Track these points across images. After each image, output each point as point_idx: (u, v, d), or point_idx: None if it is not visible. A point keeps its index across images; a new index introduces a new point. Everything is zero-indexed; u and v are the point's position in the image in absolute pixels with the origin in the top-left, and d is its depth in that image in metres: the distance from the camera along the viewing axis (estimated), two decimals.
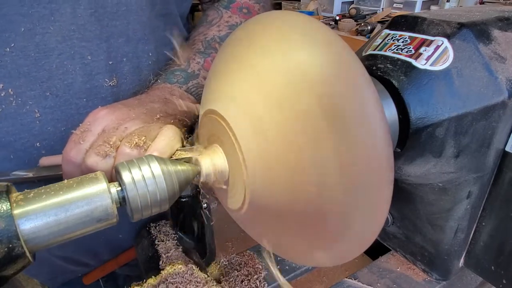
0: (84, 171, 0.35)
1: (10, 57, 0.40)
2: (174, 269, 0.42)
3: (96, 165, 0.34)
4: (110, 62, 0.47)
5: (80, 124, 0.38)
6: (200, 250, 0.49)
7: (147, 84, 0.52)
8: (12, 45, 0.40)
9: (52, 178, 0.42)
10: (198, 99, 0.49)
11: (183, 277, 0.40)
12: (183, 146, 0.36)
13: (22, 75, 0.42)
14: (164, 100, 0.45)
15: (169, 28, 0.55)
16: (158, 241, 0.47)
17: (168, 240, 0.47)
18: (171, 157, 0.34)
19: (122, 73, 0.49)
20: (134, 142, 0.34)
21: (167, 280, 0.40)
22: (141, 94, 0.48)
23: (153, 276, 0.42)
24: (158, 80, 0.50)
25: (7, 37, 0.40)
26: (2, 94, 0.41)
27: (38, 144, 0.44)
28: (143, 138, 0.35)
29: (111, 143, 0.35)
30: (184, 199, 0.46)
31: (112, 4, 0.46)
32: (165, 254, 0.45)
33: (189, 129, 0.45)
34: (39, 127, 0.44)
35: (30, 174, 0.43)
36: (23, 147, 0.44)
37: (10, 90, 0.42)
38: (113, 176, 0.34)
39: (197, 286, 0.39)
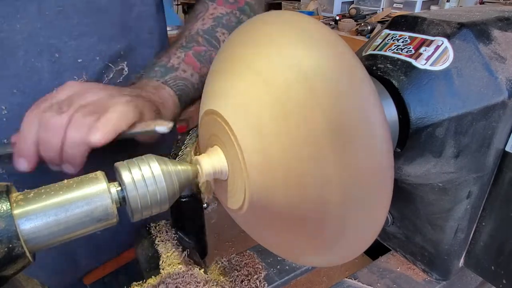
0: (40, 130, 0.36)
1: None
2: (174, 269, 0.42)
3: (52, 119, 0.35)
4: (79, 60, 0.47)
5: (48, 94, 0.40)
6: (200, 250, 0.49)
7: (118, 82, 0.52)
8: None
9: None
10: (175, 90, 0.49)
11: (183, 277, 0.40)
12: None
13: None
14: (137, 86, 0.45)
15: (148, 28, 0.55)
16: (158, 241, 0.47)
17: (168, 240, 0.47)
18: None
19: (93, 71, 0.49)
20: (89, 110, 0.35)
21: (167, 280, 0.40)
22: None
23: (153, 276, 0.42)
24: (138, 79, 0.50)
25: None
26: None
27: (5, 140, 0.45)
28: (102, 107, 0.36)
29: (70, 104, 0.36)
30: (184, 199, 0.46)
31: (82, 2, 0.45)
32: (165, 254, 0.45)
33: (165, 116, 0.45)
34: (6, 124, 0.44)
35: None
36: None
37: None
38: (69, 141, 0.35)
39: (197, 286, 0.39)
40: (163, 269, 0.42)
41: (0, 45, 0.42)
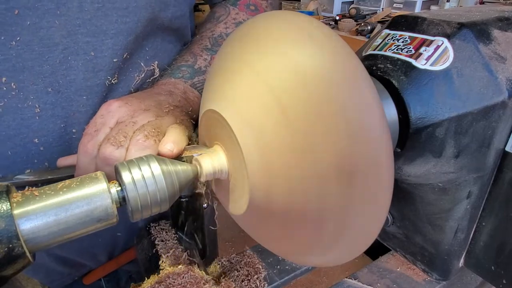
0: (99, 163, 0.36)
1: (15, 50, 0.40)
2: (174, 269, 0.42)
3: (110, 154, 0.35)
4: (115, 60, 0.46)
5: (94, 117, 0.39)
6: (200, 250, 0.49)
7: (147, 81, 0.52)
8: (18, 38, 0.40)
9: (55, 181, 0.41)
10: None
11: (183, 278, 0.40)
12: (189, 142, 0.37)
13: (26, 69, 0.41)
14: (169, 92, 0.45)
15: (176, 26, 0.55)
16: (158, 241, 0.47)
17: (168, 240, 0.47)
18: (180, 154, 0.34)
19: (126, 71, 0.49)
20: (147, 133, 0.35)
21: (167, 280, 0.40)
22: (146, 89, 0.48)
23: (152, 275, 0.42)
24: (163, 76, 0.50)
25: (13, 30, 0.40)
26: (5, 88, 0.41)
27: (36, 140, 0.44)
28: (157, 129, 0.36)
29: (125, 133, 0.36)
30: (184, 199, 0.46)
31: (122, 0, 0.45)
32: (165, 254, 0.45)
33: (195, 123, 0.45)
34: (38, 122, 0.44)
35: (31, 178, 0.42)
36: (22, 142, 0.44)
37: (13, 84, 0.41)
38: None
39: (197, 286, 0.39)
40: (162, 269, 0.42)
41: (39, 42, 0.41)
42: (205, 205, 0.46)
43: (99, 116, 0.39)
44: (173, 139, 0.34)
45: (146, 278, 0.42)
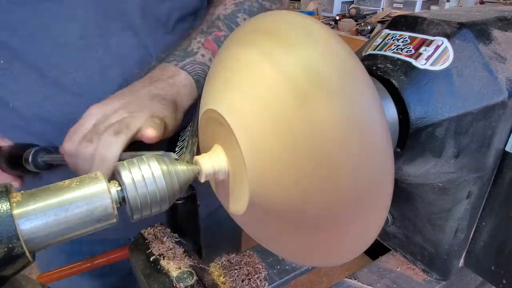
0: (79, 159, 0.40)
1: (56, 49, 0.47)
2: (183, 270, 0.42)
3: (85, 152, 0.39)
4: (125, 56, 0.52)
5: (77, 121, 0.43)
6: (196, 251, 0.49)
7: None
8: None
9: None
10: (192, 75, 0.50)
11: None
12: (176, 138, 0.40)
13: (58, 67, 0.48)
14: (151, 81, 0.47)
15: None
16: (156, 244, 0.47)
17: (166, 242, 0.47)
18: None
19: (139, 64, 0.53)
20: (114, 130, 0.38)
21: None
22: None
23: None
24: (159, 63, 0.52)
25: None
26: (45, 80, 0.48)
27: (66, 121, 0.49)
28: (125, 125, 0.39)
29: (97, 133, 0.39)
30: (180, 201, 0.46)
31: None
32: (165, 256, 0.45)
33: (182, 106, 0.47)
34: (70, 107, 0.50)
35: (61, 157, 0.47)
36: (56, 123, 0.51)
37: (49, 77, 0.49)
38: (99, 161, 0.39)
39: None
40: (168, 271, 0.42)
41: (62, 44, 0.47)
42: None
43: (80, 120, 0.43)
44: (148, 133, 0.39)
45: (144, 279, 0.42)
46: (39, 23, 0.45)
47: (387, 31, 0.38)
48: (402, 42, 0.36)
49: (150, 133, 0.38)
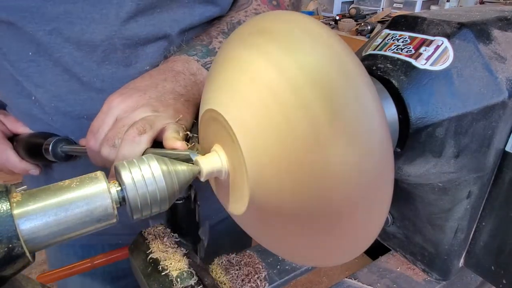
0: (102, 158, 0.40)
1: (68, 49, 0.48)
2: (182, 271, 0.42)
3: (108, 155, 0.39)
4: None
5: (98, 114, 0.42)
6: (197, 251, 0.49)
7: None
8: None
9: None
10: None
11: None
12: (187, 139, 0.39)
13: (77, 64, 0.49)
14: (176, 75, 0.46)
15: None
16: (156, 244, 0.47)
17: (166, 243, 0.47)
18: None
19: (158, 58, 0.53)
20: (138, 129, 0.37)
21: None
22: (158, 66, 0.50)
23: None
24: (178, 52, 0.51)
25: (65, 33, 0.47)
26: (67, 77, 0.50)
27: (85, 117, 0.51)
28: (149, 125, 0.38)
29: (120, 135, 0.38)
30: (179, 201, 0.46)
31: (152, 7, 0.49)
32: (167, 258, 0.45)
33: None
34: (90, 103, 0.50)
35: (82, 149, 0.48)
36: (77, 117, 0.52)
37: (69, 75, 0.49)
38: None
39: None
40: (168, 271, 0.42)
41: (85, 44, 0.48)
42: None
43: (101, 113, 0.42)
44: (167, 137, 0.37)
45: (144, 279, 0.42)
46: (66, 20, 0.46)
47: (387, 31, 0.38)
48: (402, 42, 0.36)
49: (176, 145, 0.36)
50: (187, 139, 0.41)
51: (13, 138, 0.56)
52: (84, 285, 0.69)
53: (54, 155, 0.50)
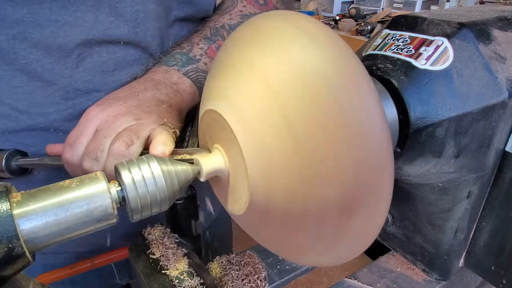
0: (84, 171, 0.37)
1: (36, 55, 0.44)
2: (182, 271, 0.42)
3: (91, 168, 0.37)
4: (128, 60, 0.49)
5: (76, 126, 0.40)
6: (197, 251, 0.49)
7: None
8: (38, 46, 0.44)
9: (55, 167, 0.44)
10: (195, 83, 0.48)
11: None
12: (176, 144, 0.37)
13: (46, 71, 0.45)
14: (156, 84, 0.45)
15: (187, 29, 0.56)
16: (156, 244, 0.47)
17: (165, 243, 0.47)
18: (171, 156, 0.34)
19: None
20: (123, 141, 0.36)
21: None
22: (137, 79, 0.48)
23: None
24: (157, 64, 0.50)
25: (33, 38, 0.43)
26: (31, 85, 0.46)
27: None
28: (134, 135, 0.36)
29: (102, 147, 0.36)
30: (179, 201, 0.46)
31: (131, 12, 0.46)
32: (166, 258, 0.45)
33: (184, 115, 0.45)
34: (57, 114, 0.47)
35: (36, 161, 0.45)
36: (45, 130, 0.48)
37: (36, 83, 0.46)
38: (110, 174, 0.34)
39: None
40: (169, 271, 0.42)
41: (57, 48, 0.44)
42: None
43: (79, 124, 0.40)
44: (163, 141, 0.35)
45: (144, 279, 0.42)
46: (32, 23, 0.43)
47: (387, 31, 0.38)
48: (402, 42, 0.36)
49: (164, 151, 0.35)
50: (177, 141, 0.41)
51: None
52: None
53: (8, 170, 0.45)
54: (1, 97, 0.46)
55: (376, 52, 0.36)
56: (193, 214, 0.49)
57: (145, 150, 0.37)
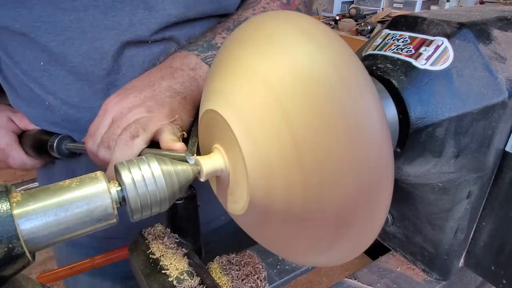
0: (100, 160, 0.40)
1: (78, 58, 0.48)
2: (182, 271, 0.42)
3: (104, 157, 0.39)
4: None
5: (96, 117, 0.43)
6: (196, 251, 0.49)
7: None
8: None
9: None
10: None
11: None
12: (184, 140, 0.39)
13: (89, 73, 0.49)
14: (172, 72, 0.46)
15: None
16: (156, 244, 0.47)
17: (166, 243, 0.47)
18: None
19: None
20: (131, 132, 0.37)
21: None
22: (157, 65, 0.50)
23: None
24: (179, 49, 0.51)
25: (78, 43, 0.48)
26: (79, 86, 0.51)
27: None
28: (142, 127, 0.38)
29: (114, 137, 0.39)
30: (179, 201, 0.46)
31: (163, 15, 0.49)
32: (166, 258, 0.45)
33: (197, 106, 0.46)
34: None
35: (82, 147, 0.48)
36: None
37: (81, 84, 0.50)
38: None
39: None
40: (169, 271, 0.42)
41: (95, 51, 0.48)
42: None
43: (98, 115, 0.43)
44: (164, 140, 0.37)
45: (144, 279, 0.42)
46: (78, 29, 0.47)
47: (387, 31, 0.38)
48: (402, 42, 0.36)
49: (175, 146, 0.36)
50: (184, 139, 0.41)
51: (20, 135, 0.58)
52: (94, 285, 0.69)
53: (58, 151, 0.51)
54: (56, 92, 0.51)
55: (376, 52, 0.36)
56: (193, 214, 0.48)
57: (153, 141, 0.39)
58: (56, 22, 0.46)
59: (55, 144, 0.51)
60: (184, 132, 0.40)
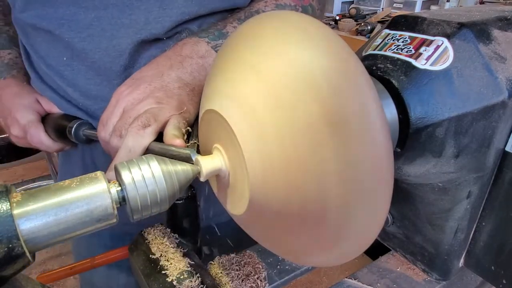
0: (112, 149, 0.41)
1: (98, 54, 0.50)
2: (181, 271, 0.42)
3: (117, 145, 0.40)
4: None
5: (107, 106, 0.44)
6: (196, 251, 0.49)
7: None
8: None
9: None
10: None
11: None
12: (188, 134, 0.40)
13: (107, 69, 0.51)
14: (181, 60, 0.46)
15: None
16: (156, 244, 0.47)
17: (166, 243, 0.47)
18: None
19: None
20: (141, 122, 0.38)
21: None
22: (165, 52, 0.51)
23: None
24: (189, 36, 0.52)
25: (97, 40, 0.50)
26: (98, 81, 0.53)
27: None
28: (153, 118, 0.39)
29: (126, 126, 0.40)
30: (180, 201, 0.46)
31: (177, 13, 0.50)
32: (166, 258, 0.45)
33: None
34: None
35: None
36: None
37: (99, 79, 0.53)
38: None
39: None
40: (169, 271, 0.42)
41: (112, 48, 0.50)
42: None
43: (110, 105, 0.44)
44: (166, 133, 0.38)
45: (144, 279, 0.42)
46: (99, 27, 0.49)
47: (387, 31, 0.38)
48: (402, 42, 0.36)
49: (174, 142, 0.37)
50: (188, 134, 0.42)
51: (44, 117, 0.60)
52: (110, 277, 0.69)
53: (76, 137, 0.53)
54: (77, 85, 0.53)
55: (376, 52, 0.36)
56: (193, 214, 0.48)
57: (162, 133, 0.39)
58: (78, 20, 0.48)
59: (73, 130, 0.52)
60: (189, 128, 0.41)
